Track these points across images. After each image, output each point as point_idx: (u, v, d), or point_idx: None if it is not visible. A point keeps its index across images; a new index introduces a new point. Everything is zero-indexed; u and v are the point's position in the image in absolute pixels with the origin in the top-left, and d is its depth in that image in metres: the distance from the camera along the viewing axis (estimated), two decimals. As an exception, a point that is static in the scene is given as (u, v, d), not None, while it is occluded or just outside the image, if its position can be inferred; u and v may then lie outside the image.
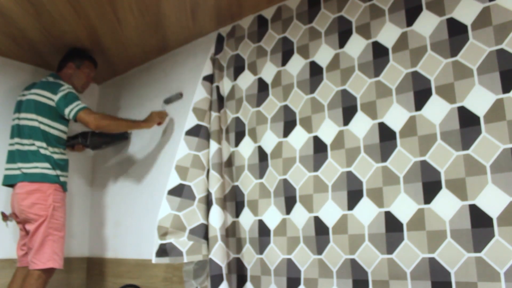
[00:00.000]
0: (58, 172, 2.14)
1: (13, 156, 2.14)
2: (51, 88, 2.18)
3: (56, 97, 2.14)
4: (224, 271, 1.75)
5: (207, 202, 1.96)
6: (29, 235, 2.05)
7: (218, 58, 2.16)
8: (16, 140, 2.16)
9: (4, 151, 2.38)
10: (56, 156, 2.17)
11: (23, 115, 2.16)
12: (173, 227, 1.88)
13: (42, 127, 2.14)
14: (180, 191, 1.94)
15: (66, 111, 2.12)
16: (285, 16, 1.95)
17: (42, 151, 2.11)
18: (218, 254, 1.77)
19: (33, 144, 2.12)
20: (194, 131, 2.02)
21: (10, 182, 2.11)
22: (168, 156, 2.37)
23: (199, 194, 1.94)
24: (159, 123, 2.36)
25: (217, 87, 2.09)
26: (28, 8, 2.01)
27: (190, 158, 1.98)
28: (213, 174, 1.91)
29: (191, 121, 2.04)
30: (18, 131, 2.16)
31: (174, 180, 1.96)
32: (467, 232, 1.31)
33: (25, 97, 2.22)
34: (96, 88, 3.05)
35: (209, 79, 2.11)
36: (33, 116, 2.14)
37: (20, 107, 2.22)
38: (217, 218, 1.83)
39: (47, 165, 2.10)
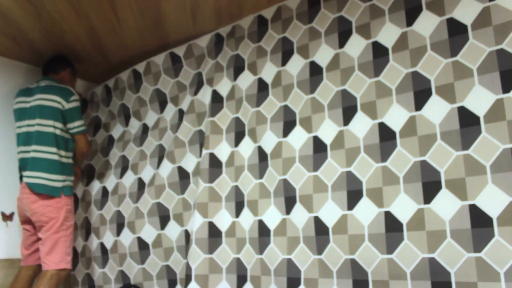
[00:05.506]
0: (69, 180, 2.17)
1: (23, 163, 2.13)
2: (59, 92, 2.17)
3: (67, 105, 2.16)
4: (193, 272, 1.83)
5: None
6: (42, 237, 2.04)
7: (217, 59, 2.15)
8: (23, 148, 2.13)
9: (3, 151, 2.38)
10: (67, 162, 2.18)
11: (36, 121, 2.13)
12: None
13: (58, 132, 2.14)
14: None
15: (72, 124, 2.17)
16: (285, 16, 1.95)
17: (54, 157, 2.11)
18: (192, 256, 1.84)
19: (45, 152, 2.10)
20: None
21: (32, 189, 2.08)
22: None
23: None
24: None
25: (214, 91, 2.08)
26: (28, 8, 2.01)
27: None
28: (198, 179, 1.96)
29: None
30: (29, 138, 2.13)
31: None
32: (467, 232, 1.31)
33: (30, 103, 2.18)
34: (96, 88, 3.05)
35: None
36: (49, 122, 2.13)
37: (25, 114, 2.18)
38: (194, 222, 1.88)
39: (58, 177, 2.10)
